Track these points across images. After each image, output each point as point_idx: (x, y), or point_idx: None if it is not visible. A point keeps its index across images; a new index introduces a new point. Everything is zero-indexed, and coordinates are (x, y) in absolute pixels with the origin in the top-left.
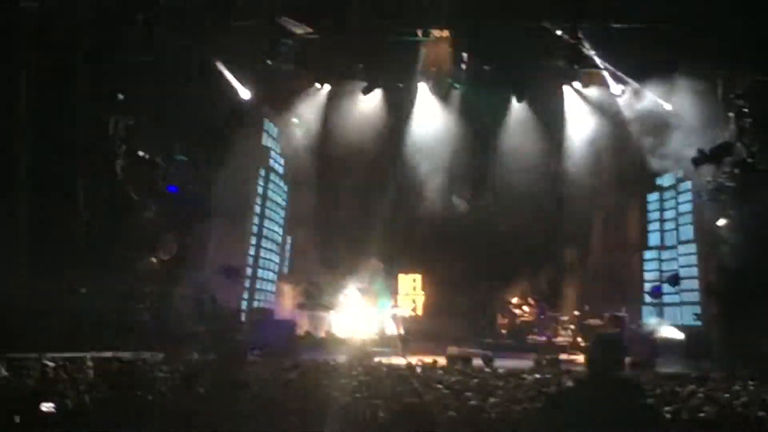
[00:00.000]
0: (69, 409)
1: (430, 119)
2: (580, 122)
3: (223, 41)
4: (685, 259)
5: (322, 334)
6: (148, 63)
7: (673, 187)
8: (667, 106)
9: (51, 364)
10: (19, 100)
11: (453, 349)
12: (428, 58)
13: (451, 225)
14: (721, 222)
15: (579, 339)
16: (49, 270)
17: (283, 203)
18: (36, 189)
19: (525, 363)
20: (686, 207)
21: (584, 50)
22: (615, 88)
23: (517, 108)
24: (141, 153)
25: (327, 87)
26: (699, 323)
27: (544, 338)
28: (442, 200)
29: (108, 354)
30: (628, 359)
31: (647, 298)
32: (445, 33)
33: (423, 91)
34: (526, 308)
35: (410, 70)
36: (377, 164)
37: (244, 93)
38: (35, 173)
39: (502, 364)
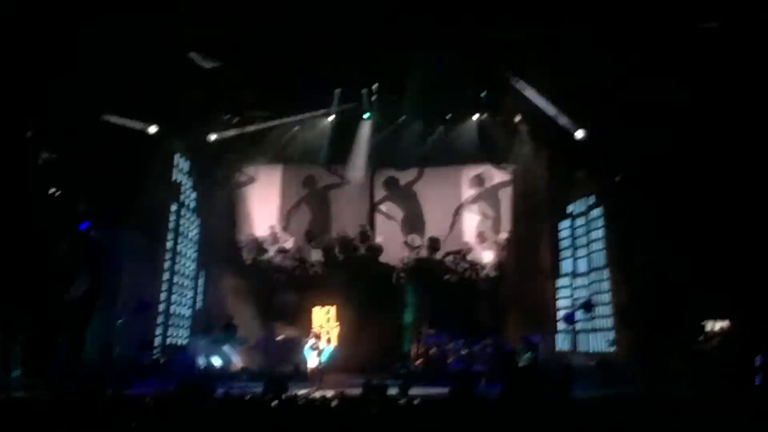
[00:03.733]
0: None
1: (341, 151)
2: (489, 150)
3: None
4: (598, 286)
5: (238, 368)
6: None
7: (584, 214)
8: (579, 133)
9: None
10: None
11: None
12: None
13: (364, 256)
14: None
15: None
16: None
17: (196, 237)
18: None
19: (441, 391)
20: (598, 233)
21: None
22: (526, 113)
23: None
24: (52, 189)
25: (237, 119)
26: (613, 349)
27: (459, 366)
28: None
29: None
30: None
31: (561, 325)
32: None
33: (334, 123)
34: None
35: (322, 101)
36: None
37: (150, 127)
38: None
39: (418, 392)
